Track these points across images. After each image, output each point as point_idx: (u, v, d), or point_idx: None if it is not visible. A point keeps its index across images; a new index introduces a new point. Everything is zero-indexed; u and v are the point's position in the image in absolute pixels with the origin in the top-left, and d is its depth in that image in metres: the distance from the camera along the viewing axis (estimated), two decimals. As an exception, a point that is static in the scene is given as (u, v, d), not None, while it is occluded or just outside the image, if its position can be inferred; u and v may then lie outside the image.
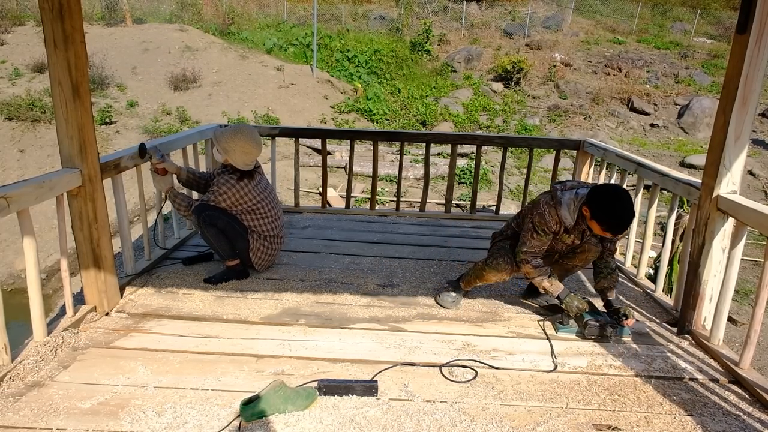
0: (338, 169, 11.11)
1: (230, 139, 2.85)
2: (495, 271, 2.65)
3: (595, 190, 2.34)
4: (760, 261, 7.80)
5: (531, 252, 2.50)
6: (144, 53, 15.74)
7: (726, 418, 1.98)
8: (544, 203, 2.45)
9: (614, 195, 2.27)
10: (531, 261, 2.51)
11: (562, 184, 2.50)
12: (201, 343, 2.34)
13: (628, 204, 2.26)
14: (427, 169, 4.49)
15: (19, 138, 11.43)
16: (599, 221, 2.29)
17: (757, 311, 2.15)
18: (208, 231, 2.89)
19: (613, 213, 2.25)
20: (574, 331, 2.54)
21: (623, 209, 2.24)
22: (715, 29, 22.09)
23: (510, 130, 14.66)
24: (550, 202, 2.44)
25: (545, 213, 2.43)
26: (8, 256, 8.58)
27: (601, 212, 2.27)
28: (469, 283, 2.81)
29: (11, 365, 2.04)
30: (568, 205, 2.39)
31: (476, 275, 2.75)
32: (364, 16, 21.85)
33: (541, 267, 2.53)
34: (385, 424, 1.85)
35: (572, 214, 2.40)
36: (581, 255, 2.63)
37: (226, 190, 2.85)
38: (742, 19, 2.20)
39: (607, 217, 2.26)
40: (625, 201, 2.26)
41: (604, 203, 2.27)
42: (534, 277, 2.53)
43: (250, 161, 2.92)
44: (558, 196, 2.42)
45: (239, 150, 2.85)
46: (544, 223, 2.43)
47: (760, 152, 13.52)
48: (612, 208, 2.25)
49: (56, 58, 2.18)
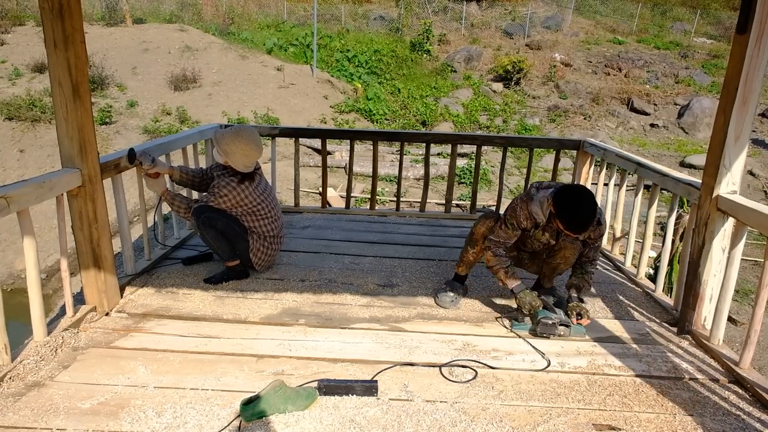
0: (338, 169, 11.11)
1: (230, 142, 2.83)
2: (482, 219, 2.74)
3: (558, 190, 2.40)
4: (760, 261, 7.80)
5: (495, 241, 2.60)
6: (144, 53, 15.74)
7: (726, 418, 1.98)
8: (518, 199, 2.58)
9: (575, 195, 2.35)
10: (493, 249, 2.61)
11: (539, 183, 2.59)
12: (201, 343, 2.34)
13: (588, 204, 2.32)
14: (427, 169, 4.49)
15: (19, 138, 11.43)
16: (560, 219, 2.36)
17: (757, 311, 2.15)
18: (207, 233, 2.89)
19: (571, 212, 2.32)
20: (527, 328, 2.55)
21: (581, 209, 2.31)
22: (715, 29, 22.10)
23: (510, 130, 14.67)
24: (524, 198, 2.55)
25: (517, 207, 2.54)
26: (8, 256, 8.58)
27: (561, 211, 2.34)
28: (463, 260, 2.85)
29: (11, 365, 2.03)
30: (541, 203, 2.47)
31: (467, 242, 2.81)
32: (364, 16, 21.85)
33: (501, 257, 2.60)
34: (385, 424, 1.85)
35: (544, 211, 2.47)
36: (560, 253, 2.65)
37: (227, 192, 2.85)
38: (742, 19, 2.20)
39: (566, 216, 2.33)
40: (585, 201, 2.32)
41: (565, 202, 2.34)
42: (492, 265, 2.61)
43: (251, 163, 2.91)
44: (531, 193, 2.53)
45: (240, 152, 2.84)
46: (514, 217, 2.54)
47: (760, 152, 13.53)
48: (571, 207, 2.32)
49: (56, 58, 2.18)
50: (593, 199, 2.36)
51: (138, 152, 2.80)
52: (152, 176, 2.91)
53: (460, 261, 2.88)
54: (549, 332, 2.48)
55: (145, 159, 2.82)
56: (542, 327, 2.47)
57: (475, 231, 2.77)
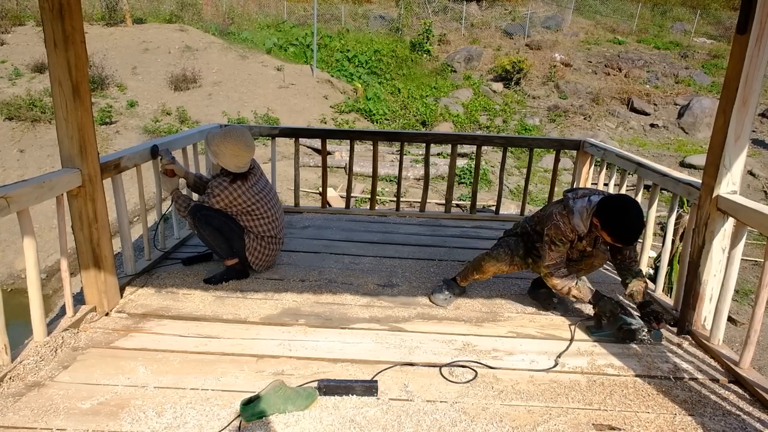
0: (338, 169, 11.11)
1: (220, 143, 2.85)
2: (494, 261, 2.68)
3: (604, 201, 2.36)
4: (760, 261, 7.80)
5: (553, 264, 2.51)
6: (144, 53, 15.74)
7: (726, 418, 1.98)
8: (556, 213, 2.47)
9: (623, 206, 2.30)
10: (555, 273, 2.52)
11: (574, 192, 2.52)
12: (201, 344, 2.34)
13: (637, 215, 2.28)
14: (427, 169, 4.49)
15: (19, 138, 11.43)
16: (609, 232, 2.32)
17: (757, 311, 2.15)
18: (204, 230, 2.90)
19: (622, 224, 2.28)
20: (608, 334, 2.51)
21: (632, 220, 2.27)
22: (715, 29, 22.09)
23: (510, 130, 14.66)
24: (563, 212, 2.46)
25: (560, 223, 2.44)
26: (8, 256, 8.58)
27: (610, 223, 2.30)
28: (467, 277, 2.83)
29: (11, 365, 2.03)
30: (581, 213, 2.41)
31: (475, 267, 2.78)
32: (364, 16, 21.85)
33: (566, 276, 2.53)
34: (385, 424, 1.85)
35: (585, 222, 2.42)
36: (587, 260, 2.64)
37: (218, 192, 2.86)
38: (742, 20, 2.20)
39: (616, 229, 2.29)
40: (634, 212, 2.28)
41: (614, 214, 2.30)
42: (562, 288, 2.54)
43: (242, 164, 2.91)
44: (570, 205, 2.45)
45: (229, 153, 2.85)
46: (560, 233, 2.45)
47: (760, 152, 13.52)
48: (620, 219, 2.28)
49: (56, 58, 2.18)
50: (640, 209, 2.31)
51: (161, 149, 3.05)
52: (168, 174, 3.02)
53: (464, 276, 2.83)
54: (633, 338, 2.45)
55: (165, 154, 3.03)
56: (626, 333, 2.43)
57: (485, 266, 2.71)
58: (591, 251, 2.61)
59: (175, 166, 3.03)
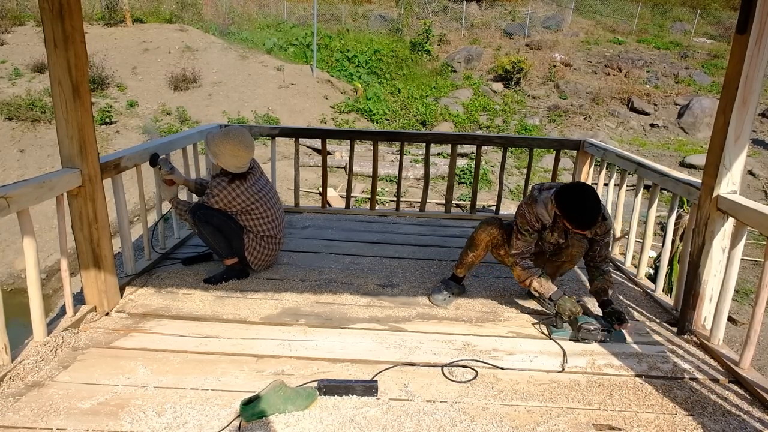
0: (338, 169, 11.11)
1: (219, 143, 2.85)
2: (484, 226, 2.73)
3: (561, 188, 2.42)
4: (760, 261, 7.80)
5: (518, 253, 2.59)
6: (144, 53, 15.74)
7: (726, 418, 1.98)
8: (522, 204, 2.57)
9: (577, 192, 2.36)
10: (520, 263, 2.59)
11: (541, 185, 2.60)
12: (201, 343, 2.34)
13: (592, 200, 2.32)
14: (427, 169, 4.49)
15: (19, 138, 11.43)
16: (566, 218, 2.37)
17: (757, 311, 2.15)
18: (204, 228, 2.90)
19: (576, 209, 2.33)
20: (567, 334, 2.51)
21: (586, 205, 2.31)
22: (715, 29, 22.09)
23: (510, 130, 14.66)
24: (528, 201, 2.55)
25: (525, 212, 2.53)
26: (8, 256, 8.58)
27: (567, 208, 2.36)
28: (462, 262, 2.84)
29: (11, 365, 2.03)
30: (545, 203, 2.49)
31: (467, 246, 2.81)
32: (364, 16, 21.84)
33: (530, 268, 2.58)
34: (385, 424, 1.85)
35: (549, 211, 2.50)
36: (566, 251, 2.67)
37: (217, 192, 2.87)
38: (742, 19, 2.20)
39: (572, 214, 2.34)
40: (589, 197, 2.33)
41: (569, 200, 2.36)
42: (524, 279, 2.58)
43: (242, 164, 2.91)
44: (534, 195, 2.54)
45: (228, 153, 2.85)
46: (525, 222, 2.53)
47: (760, 152, 13.52)
48: (575, 204, 2.33)
49: (56, 58, 2.18)
50: (596, 195, 2.36)
51: (160, 159, 2.99)
52: (167, 183, 3.04)
53: (459, 263, 2.87)
54: (591, 338, 2.45)
55: (164, 165, 2.99)
56: (584, 333, 2.44)
57: (476, 236, 2.76)
58: (565, 242, 2.64)
59: (175, 176, 3.04)
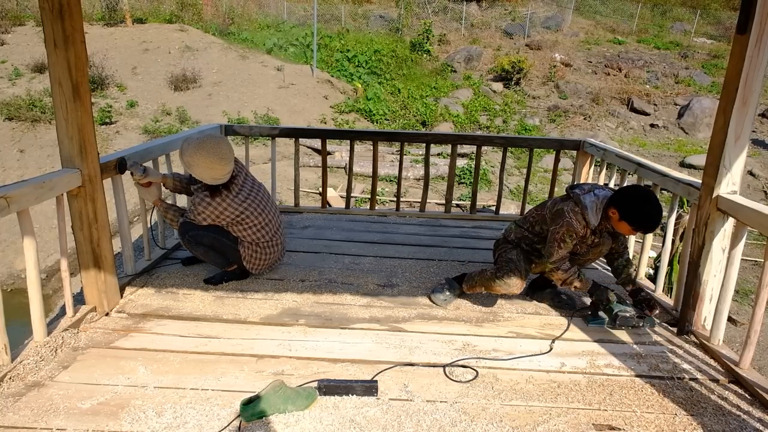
0: (338, 169, 11.11)
1: (193, 153, 2.60)
2: (505, 287, 2.63)
3: (623, 193, 2.44)
4: (760, 261, 7.80)
5: (559, 259, 2.55)
6: (144, 53, 15.74)
7: (726, 418, 1.98)
8: (569, 211, 2.49)
9: (643, 196, 2.39)
10: (561, 266, 2.56)
11: (580, 188, 2.57)
12: (201, 344, 2.34)
13: (657, 204, 2.38)
14: (427, 170, 4.49)
15: (19, 138, 11.43)
16: (630, 222, 2.39)
17: (757, 311, 2.15)
18: (196, 250, 2.87)
19: (644, 214, 2.36)
20: (604, 322, 2.62)
21: (653, 209, 2.35)
22: (715, 29, 22.09)
23: (510, 130, 14.66)
24: (575, 209, 2.49)
25: (572, 221, 2.48)
26: (8, 256, 8.58)
27: (632, 214, 2.38)
28: (473, 289, 2.80)
29: (11, 365, 2.03)
30: (593, 208, 2.48)
31: (483, 284, 2.73)
32: (364, 16, 21.84)
33: (570, 269, 2.57)
34: (385, 424, 1.85)
35: (596, 215, 2.48)
36: (595, 249, 2.71)
37: (202, 209, 2.72)
38: (742, 20, 2.20)
39: (639, 218, 2.37)
40: (654, 201, 2.37)
41: (635, 205, 2.38)
42: (565, 279, 2.57)
43: (219, 176, 2.67)
44: (582, 201, 2.49)
45: (203, 165, 2.61)
46: (572, 230, 2.49)
47: (760, 152, 13.52)
48: (642, 209, 2.37)
49: (56, 58, 2.18)
50: (657, 197, 2.42)
51: (129, 163, 2.73)
52: (144, 186, 2.86)
53: (472, 285, 2.78)
54: (628, 324, 2.57)
55: (135, 170, 2.76)
56: (621, 320, 2.55)
57: (494, 287, 2.65)
58: (598, 241, 2.68)
59: (150, 177, 2.83)
